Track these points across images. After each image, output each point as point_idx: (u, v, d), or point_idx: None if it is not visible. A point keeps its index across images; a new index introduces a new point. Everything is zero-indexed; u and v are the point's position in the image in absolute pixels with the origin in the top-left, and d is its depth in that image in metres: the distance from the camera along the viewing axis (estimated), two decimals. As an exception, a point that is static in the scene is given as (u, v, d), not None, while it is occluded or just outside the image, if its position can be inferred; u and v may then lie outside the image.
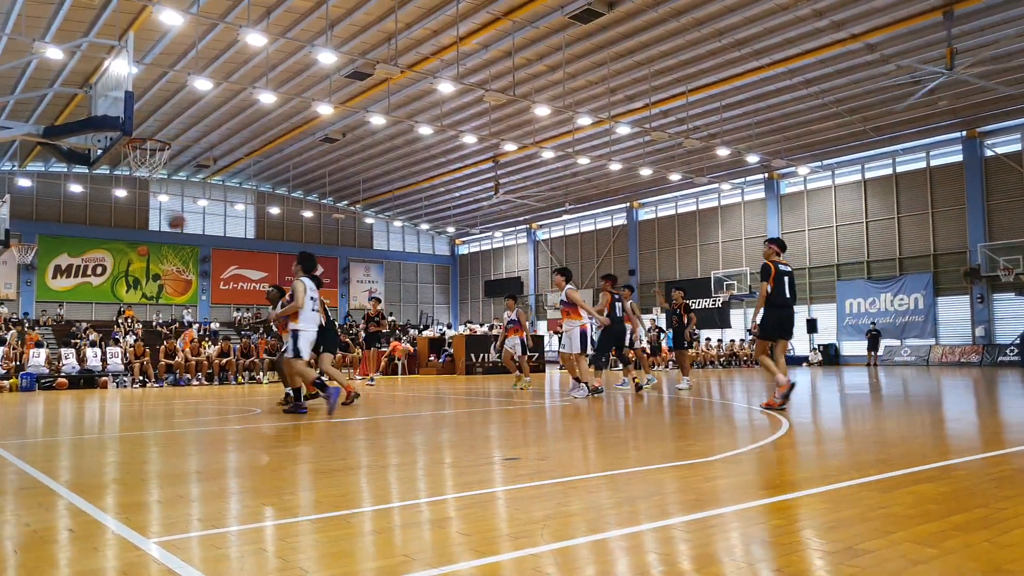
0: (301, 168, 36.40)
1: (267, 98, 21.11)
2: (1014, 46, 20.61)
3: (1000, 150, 26.82)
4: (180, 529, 3.20)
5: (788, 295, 8.40)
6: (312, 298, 8.82)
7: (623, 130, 25.78)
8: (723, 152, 26.57)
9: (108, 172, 36.02)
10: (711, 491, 3.94)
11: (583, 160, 27.89)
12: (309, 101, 22.76)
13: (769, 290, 8.27)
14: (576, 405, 9.91)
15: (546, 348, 35.37)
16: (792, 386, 8.25)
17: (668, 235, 37.72)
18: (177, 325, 32.46)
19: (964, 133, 27.15)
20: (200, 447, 6.26)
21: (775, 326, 8.39)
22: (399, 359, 23.04)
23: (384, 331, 16.34)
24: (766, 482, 4.19)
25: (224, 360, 19.18)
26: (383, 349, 20.79)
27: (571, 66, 22.94)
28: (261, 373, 19.62)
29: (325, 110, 22.29)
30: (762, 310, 8.39)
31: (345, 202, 43.08)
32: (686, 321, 13.31)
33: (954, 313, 27.79)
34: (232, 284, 41.05)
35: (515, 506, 3.63)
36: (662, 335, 26.74)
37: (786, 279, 8.42)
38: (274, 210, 40.11)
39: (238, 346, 20.21)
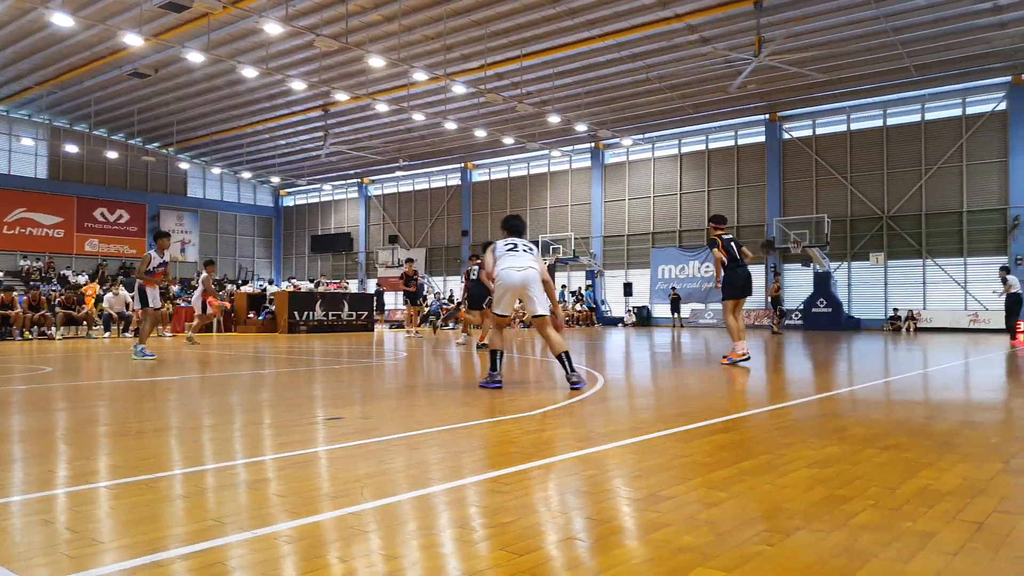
0: (105, 104, 32.94)
1: (62, 21, 18.79)
2: (814, 39, 22.72)
3: (796, 134, 29.65)
4: (-53, 501, 2.83)
5: (737, 256, 9.58)
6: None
7: (458, 89, 25.65)
8: (554, 119, 27.24)
9: None
10: (531, 444, 4.08)
11: (418, 116, 27.51)
12: (115, 30, 20.55)
13: (724, 257, 9.49)
14: (399, 364, 9.88)
15: (387, 306, 35.13)
16: (746, 357, 9.33)
17: (500, 198, 38.28)
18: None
19: (767, 116, 29.70)
20: (-24, 410, 5.57)
21: (736, 285, 9.67)
22: (214, 316, 21.74)
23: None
24: (582, 435, 4.41)
25: (9, 313, 17.16)
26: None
27: (407, 19, 22.39)
28: (54, 328, 17.79)
29: (134, 41, 20.23)
30: (723, 273, 9.63)
31: (156, 144, 39.63)
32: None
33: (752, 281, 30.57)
34: (18, 229, 36.75)
35: (336, 465, 3.56)
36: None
37: (733, 244, 9.65)
38: (71, 148, 36.16)
39: (24, 299, 18.15)
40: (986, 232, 25.68)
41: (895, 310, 26.84)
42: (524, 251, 6.99)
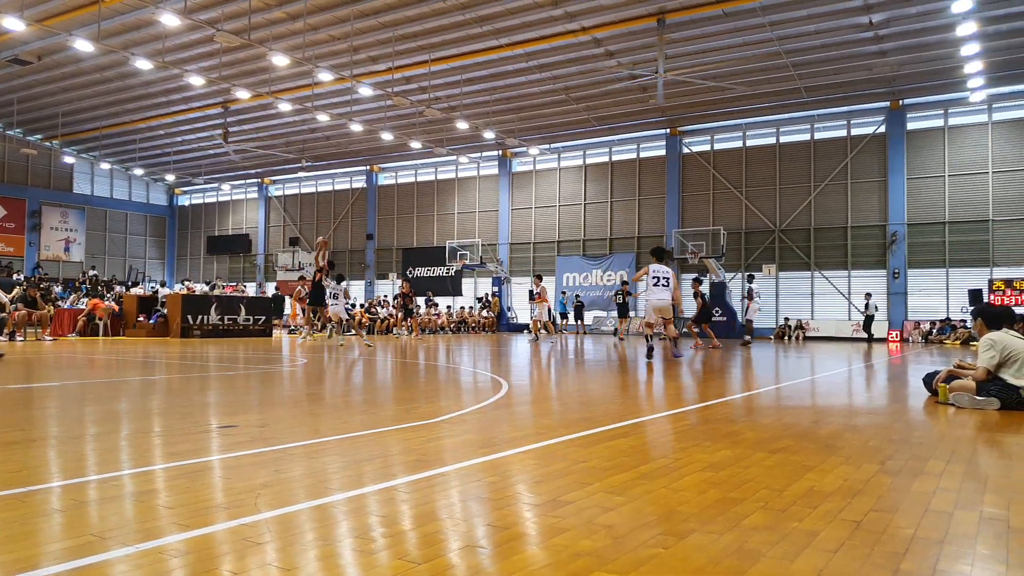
0: (-21, 91, 30.67)
1: (-68, -1, 17.38)
2: (710, 58, 23.70)
3: (695, 148, 30.81)
4: None
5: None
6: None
7: (365, 91, 25.29)
8: (462, 125, 27.26)
9: None
10: (434, 451, 4.05)
11: (322, 117, 26.93)
12: (-8, 11, 19.14)
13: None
14: (298, 370, 9.63)
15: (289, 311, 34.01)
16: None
17: (407, 202, 37.95)
18: None
19: (668, 131, 30.72)
20: None
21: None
22: (100, 319, 20.58)
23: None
24: (485, 441, 4.41)
25: None
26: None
27: (312, 17, 21.92)
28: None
29: (15, 26, 18.88)
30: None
31: (39, 136, 37.17)
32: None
33: (651, 289, 31.51)
34: None
35: (230, 475, 3.43)
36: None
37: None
38: (-60, 137, 33.43)
39: None
40: (868, 247, 27.41)
41: (786, 319, 28.24)
42: (663, 285, 11.68)
